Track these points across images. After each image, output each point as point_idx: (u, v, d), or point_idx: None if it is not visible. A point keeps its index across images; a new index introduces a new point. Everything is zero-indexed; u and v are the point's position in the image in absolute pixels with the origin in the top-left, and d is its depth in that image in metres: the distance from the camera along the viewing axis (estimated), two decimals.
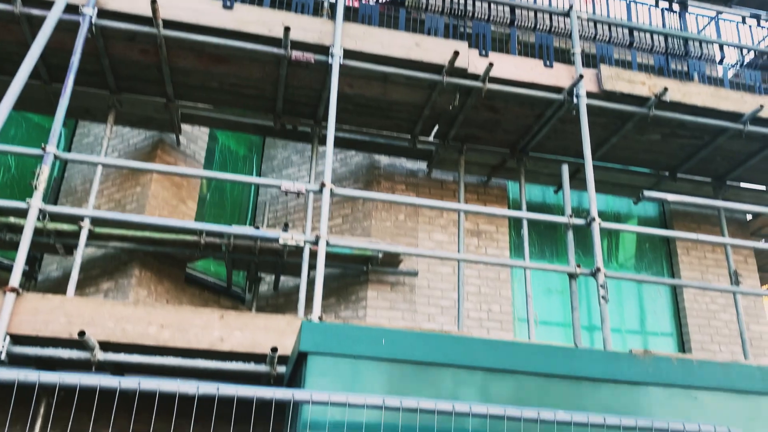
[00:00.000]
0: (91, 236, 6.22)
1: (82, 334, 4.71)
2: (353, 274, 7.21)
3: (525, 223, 7.12)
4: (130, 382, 2.92)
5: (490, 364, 3.72)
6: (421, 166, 7.87)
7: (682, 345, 7.77)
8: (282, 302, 7.64)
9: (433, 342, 3.75)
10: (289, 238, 5.48)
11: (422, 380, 3.70)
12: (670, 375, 3.75)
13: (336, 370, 3.58)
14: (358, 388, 3.51)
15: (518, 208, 7.64)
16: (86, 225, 6.04)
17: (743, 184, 8.32)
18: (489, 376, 3.70)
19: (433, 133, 7.46)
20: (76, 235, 6.14)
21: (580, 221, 5.98)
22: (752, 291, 6.90)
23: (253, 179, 7.15)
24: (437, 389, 3.66)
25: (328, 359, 3.54)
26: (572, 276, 5.89)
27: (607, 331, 5.57)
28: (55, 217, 6.10)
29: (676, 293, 8.05)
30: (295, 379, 3.99)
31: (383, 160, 7.83)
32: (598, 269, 5.75)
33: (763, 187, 8.33)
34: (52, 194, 7.80)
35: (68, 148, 8.23)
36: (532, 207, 8.00)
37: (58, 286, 7.01)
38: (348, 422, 3.41)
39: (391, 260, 7.02)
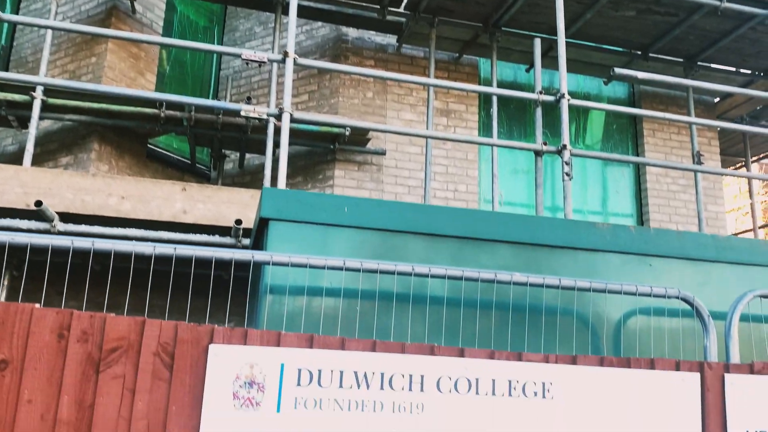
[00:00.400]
0: (45, 108, 5.96)
1: (39, 204, 4.60)
2: (320, 152, 7.11)
3: (495, 101, 7.01)
4: (83, 242, 2.86)
5: (454, 232, 3.75)
6: (391, 40, 7.60)
7: (641, 224, 7.97)
8: (248, 180, 7.56)
9: (395, 210, 3.75)
10: (252, 110, 5.30)
11: (386, 248, 3.72)
12: (627, 243, 3.83)
13: (298, 236, 3.57)
14: (320, 254, 3.52)
15: (489, 86, 7.50)
16: (38, 95, 5.76)
17: (714, 66, 8.25)
18: (452, 244, 3.74)
19: (403, 4, 7.13)
20: (28, 106, 5.87)
21: (549, 98, 5.89)
22: (712, 170, 7.00)
23: (213, 47, 6.86)
24: (401, 256, 3.69)
25: (290, 226, 3.52)
26: (538, 153, 5.87)
27: (569, 207, 5.63)
28: (5, 87, 5.80)
29: (639, 174, 8.16)
30: (257, 247, 3.99)
31: (351, 33, 7.52)
32: (564, 146, 5.73)
33: (732, 69, 8.27)
34: (1, 64, 7.39)
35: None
36: (503, 86, 7.85)
37: (14, 161, 6.78)
38: (309, 287, 3.45)
39: (359, 138, 6.92)
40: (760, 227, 9.56)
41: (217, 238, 5.12)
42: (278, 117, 5.22)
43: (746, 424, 3.03)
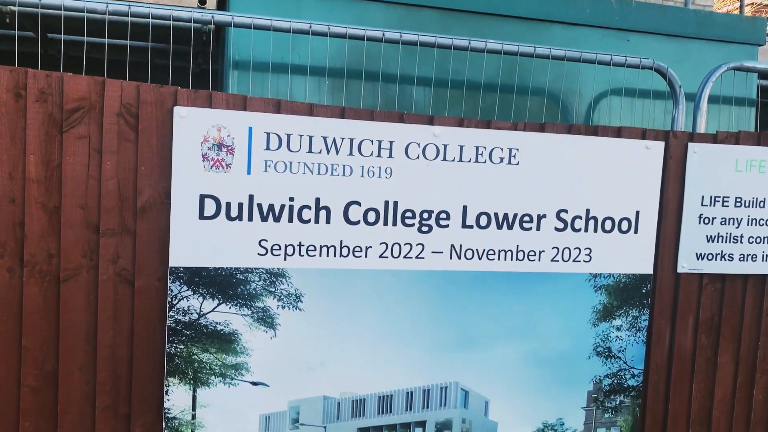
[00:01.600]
0: None
1: None
2: None
3: None
4: None
5: (429, 2, 3.57)
6: None
7: None
8: None
9: None
10: None
11: (356, 19, 3.55)
12: (607, 17, 3.69)
13: (263, 6, 3.38)
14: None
15: None
16: None
17: None
18: (428, 14, 3.58)
19: None
20: None
21: None
22: None
23: None
24: (372, 26, 3.54)
25: None
26: None
27: None
28: None
29: None
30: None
31: None
32: None
33: None
34: None
35: None
36: None
37: None
38: (275, 62, 3.33)
39: None
40: None
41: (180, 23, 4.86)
42: None
43: (703, 191, 3.14)
